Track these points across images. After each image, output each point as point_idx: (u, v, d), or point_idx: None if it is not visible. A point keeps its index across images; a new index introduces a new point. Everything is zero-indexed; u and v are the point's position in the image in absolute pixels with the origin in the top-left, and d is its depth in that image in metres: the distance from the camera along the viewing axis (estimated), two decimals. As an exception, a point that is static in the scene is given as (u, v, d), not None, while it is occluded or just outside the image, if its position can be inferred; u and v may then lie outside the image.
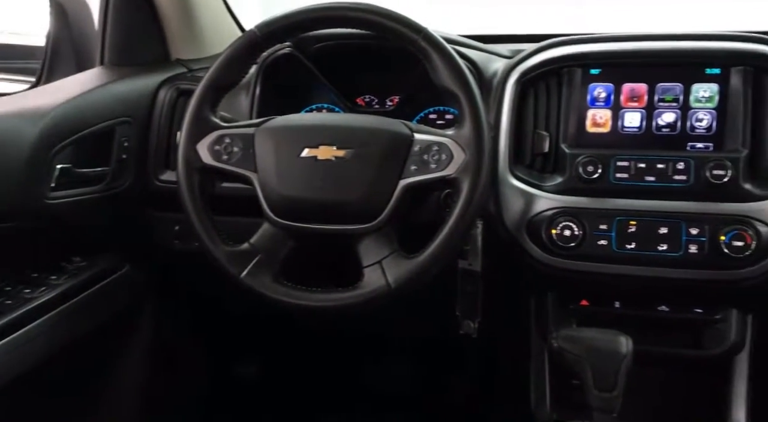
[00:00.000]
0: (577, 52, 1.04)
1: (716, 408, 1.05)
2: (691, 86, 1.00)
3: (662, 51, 1.01)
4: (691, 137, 1.00)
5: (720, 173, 0.96)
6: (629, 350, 0.86)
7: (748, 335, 1.04)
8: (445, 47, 0.88)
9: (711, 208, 0.97)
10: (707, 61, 0.99)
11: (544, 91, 1.06)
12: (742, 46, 0.98)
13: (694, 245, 0.96)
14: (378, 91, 1.22)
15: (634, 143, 1.02)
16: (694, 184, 0.97)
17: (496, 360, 1.34)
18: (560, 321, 1.08)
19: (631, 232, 0.99)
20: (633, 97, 1.02)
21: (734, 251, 0.94)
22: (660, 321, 1.07)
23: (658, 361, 1.08)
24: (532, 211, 1.02)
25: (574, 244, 1.00)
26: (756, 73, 0.98)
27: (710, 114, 1.00)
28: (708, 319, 1.05)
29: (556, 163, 1.04)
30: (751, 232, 0.94)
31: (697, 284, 0.98)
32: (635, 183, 1.00)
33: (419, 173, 0.88)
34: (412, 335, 1.48)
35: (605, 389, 0.84)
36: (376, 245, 0.89)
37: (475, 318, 1.02)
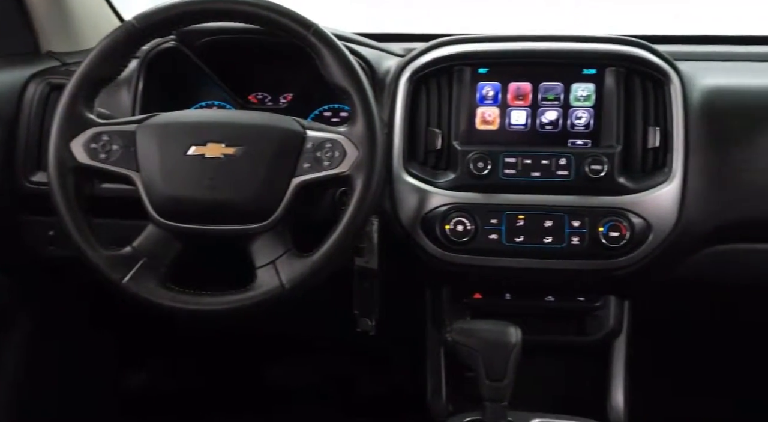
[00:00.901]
0: (465, 51, 1.06)
1: (598, 389, 1.12)
2: (570, 85, 1.05)
3: (544, 51, 1.06)
4: (572, 134, 1.06)
5: (597, 168, 1.01)
6: (518, 340, 0.89)
7: (625, 320, 1.11)
8: (335, 43, 0.88)
9: (590, 201, 1.02)
10: (584, 61, 1.05)
11: (436, 90, 1.07)
12: (615, 48, 1.04)
13: (576, 237, 1.02)
14: (271, 88, 1.20)
15: (521, 140, 1.06)
16: (575, 179, 1.02)
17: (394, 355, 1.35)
18: (455, 314, 1.11)
19: (520, 226, 1.03)
20: (519, 96, 1.06)
21: (611, 242, 1.00)
22: (547, 311, 1.12)
23: (545, 349, 1.13)
24: (426, 207, 1.03)
25: (467, 239, 1.02)
26: (627, 74, 1.04)
27: (588, 112, 1.05)
28: (590, 307, 1.11)
29: (448, 160, 1.06)
30: (626, 223, 1.00)
31: (579, 273, 1.04)
32: (522, 178, 1.03)
33: (312, 171, 0.87)
34: (312, 334, 1.47)
35: (496, 378, 0.86)
36: (270, 245, 0.87)
37: (372, 316, 1.02)
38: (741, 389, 1.44)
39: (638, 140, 1.03)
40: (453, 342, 0.90)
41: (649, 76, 1.04)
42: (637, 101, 1.04)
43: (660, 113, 1.03)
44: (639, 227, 1.00)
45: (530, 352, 0.91)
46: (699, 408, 1.41)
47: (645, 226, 1.01)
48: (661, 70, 1.03)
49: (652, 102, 1.04)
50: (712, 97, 1.04)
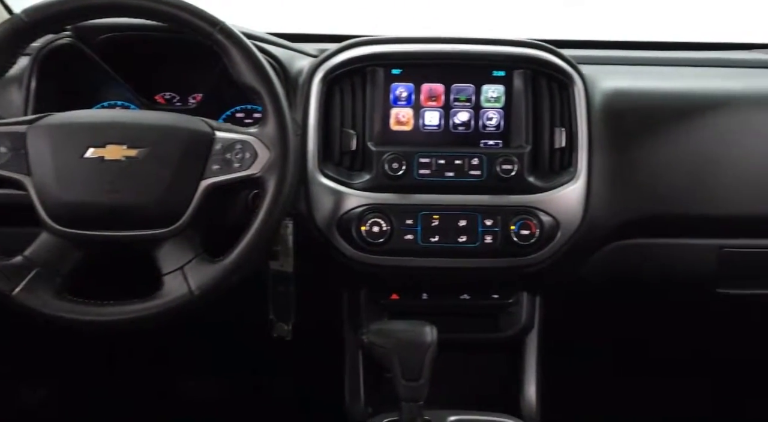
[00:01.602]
0: (378, 52, 1.06)
1: (512, 385, 1.15)
2: (481, 87, 1.07)
3: (455, 53, 1.08)
4: (483, 134, 1.08)
5: (508, 167, 1.04)
6: (434, 339, 0.89)
7: (537, 316, 1.15)
8: (243, 41, 0.85)
9: (502, 200, 1.04)
10: (493, 63, 1.07)
11: (350, 90, 1.07)
12: (522, 51, 1.07)
13: (489, 236, 1.04)
14: (179, 88, 1.16)
15: (435, 141, 1.07)
16: (487, 178, 1.04)
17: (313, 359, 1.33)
18: (373, 315, 1.11)
19: (435, 226, 1.04)
20: (432, 97, 1.07)
21: (522, 240, 1.03)
22: (463, 309, 1.14)
23: (461, 347, 1.14)
24: (342, 209, 1.03)
25: (383, 240, 1.02)
26: (534, 76, 1.07)
27: (498, 113, 1.08)
28: (503, 303, 1.14)
29: (363, 161, 1.05)
30: (536, 221, 1.03)
31: (493, 271, 1.06)
32: (436, 179, 1.04)
33: (222, 173, 0.85)
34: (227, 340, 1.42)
35: (412, 378, 0.87)
36: (178, 250, 0.83)
37: (289, 320, 1.00)
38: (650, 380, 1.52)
39: (546, 140, 1.07)
40: (369, 344, 0.90)
41: (555, 78, 1.07)
42: (544, 103, 1.07)
43: (565, 114, 1.07)
44: (548, 225, 1.04)
45: (447, 350, 0.92)
46: (610, 401, 1.48)
47: (554, 223, 1.04)
48: (565, 73, 1.07)
49: (558, 103, 1.07)
50: (613, 98, 1.09)
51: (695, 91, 1.13)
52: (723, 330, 1.37)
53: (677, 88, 1.14)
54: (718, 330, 1.38)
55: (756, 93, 1.13)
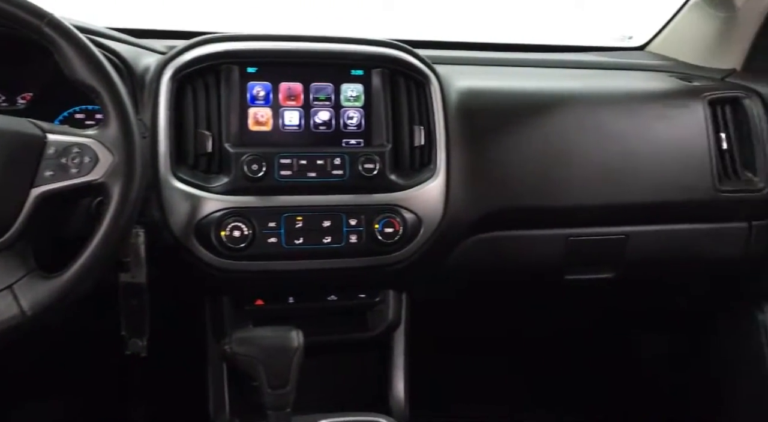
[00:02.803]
0: (232, 49, 1.02)
1: (380, 383, 1.15)
2: (340, 86, 1.06)
3: (313, 52, 1.06)
4: (345, 133, 1.07)
5: (370, 166, 1.04)
6: (300, 344, 0.87)
7: (404, 312, 1.16)
8: (75, 35, 0.78)
9: (365, 199, 1.04)
10: (352, 62, 1.07)
11: (203, 89, 1.02)
12: (380, 51, 1.08)
13: (354, 235, 1.03)
14: (6, 87, 1.04)
15: (296, 141, 1.05)
16: (350, 178, 1.04)
17: (173, 375, 1.26)
18: (237, 323, 1.06)
19: (299, 228, 1.01)
20: (291, 96, 1.05)
21: (386, 238, 1.04)
22: (330, 310, 1.13)
23: (330, 349, 1.14)
24: (200, 213, 0.98)
25: (245, 244, 0.98)
26: (392, 75, 1.08)
27: (359, 112, 1.07)
28: (370, 302, 1.14)
29: (221, 163, 1.01)
30: (399, 219, 1.04)
31: (359, 271, 1.06)
32: (299, 179, 1.02)
33: (57, 180, 0.77)
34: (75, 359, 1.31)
35: (278, 386, 0.84)
36: (5, 267, 0.75)
37: (144, 335, 0.93)
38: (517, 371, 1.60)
39: (406, 138, 1.08)
40: (232, 354, 0.86)
41: (411, 77, 1.09)
42: (402, 101, 1.09)
43: (423, 113, 1.09)
44: (411, 222, 1.05)
45: (315, 353, 0.91)
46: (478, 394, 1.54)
47: (416, 220, 1.06)
48: (421, 72, 1.09)
49: (416, 102, 1.09)
50: (467, 97, 1.13)
51: (540, 90, 1.20)
52: (571, 315, 1.48)
53: (525, 88, 1.21)
54: (567, 315, 1.48)
55: (593, 92, 1.22)
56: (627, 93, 1.23)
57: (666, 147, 1.17)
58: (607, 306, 1.44)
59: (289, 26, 1.46)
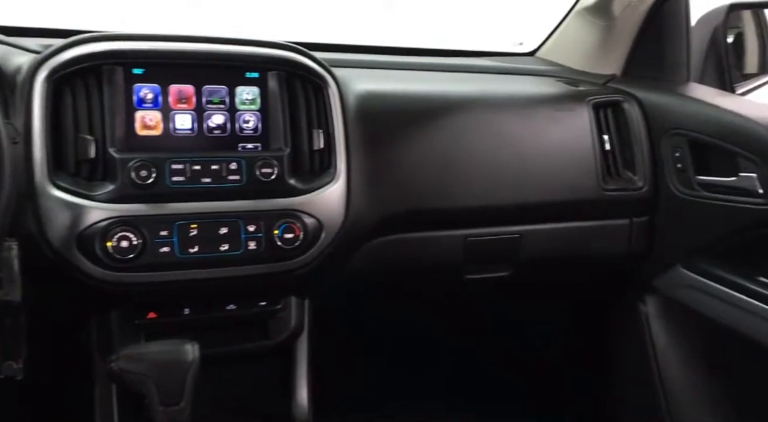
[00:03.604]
0: (114, 49, 0.97)
1: (283, 391, 1.13)
2: (235, 89, 1.03)
3: (204, 53, 1.02)
4: (241, 137, 1.04)
5: (268, 171, 1.02)
6: (196, 357, 0.84)
7: (306, 319, 1.15)
8: None
9: (264, 205, 1.02)
10: (246, 65, 1.04)
11: (84, 91, 0.96)
12: (275, 53, 1.06)
13: (252, 242, 1.00)
14: None
15: (188, 146, 1.01)
16: (247, 183, 1.01)
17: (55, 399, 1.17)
18: (127, 339, 1.00)
19: (193, 235, 0.97)
20: (182, 99, 1.01)
21: (286, 243, 1.02)
22: (230, 320, 1.09)
23: (230, 359, 1.10)
24: (83, 224, 0.92)
25: (134, 255, 0.93)
26: (288, 78, 1.07)
27: (255, 116, 1.05)
28: (272, 310, 1.11)
29: (105, 169, 0.95)
30: (299, 224, 1.03)
31: (259, 278, 1.03)
32: (192, 185, 0.98)
33: None
34: None
35: (172, 403, 0.80)
36: None
37: (19, 357, 0.86)
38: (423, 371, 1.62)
39: (305, 142, 1.07)
40: (120, 372, 0.81)
41: (309, 80, 1.08)
42: (300, 105, 1.07)
43: (321, 116, 1.08)
44: (312, 227, 1.04)
45: (214, 365, 0.87)
46: (385, 396, 1.54)
47: (317, 225, 1.04)
48: (318, 75, 1.08)
49: (314, 105, 1.08)
50: (365, 101, 1.13)
51: (438, 94, 1.22)
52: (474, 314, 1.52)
53: (423, 92, 1.22)
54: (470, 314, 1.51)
55: (487, 96, 1.25)
56: (519, 97, 1.28)
57: (555, 149, 1.23)
58: (506, 304, 1.48)
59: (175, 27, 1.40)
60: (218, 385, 0.98)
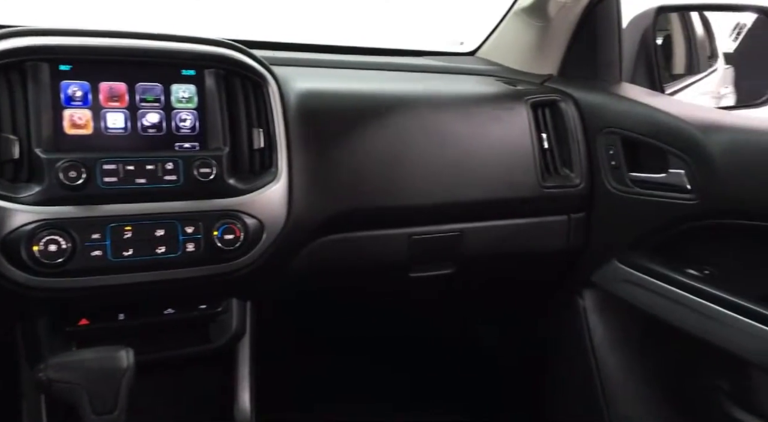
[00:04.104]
0: (39, 44, 0.92)
1: (225, 396, 1.11)
2: (170, 87, 1.00)
3: (137, 50, 0.99)
4: (178, 137, 1.01)
5: (206, 170, 0.99)
6: (130, 363, 0.81)
7: (248, 321, 1.13)
8: None
9: (202, 205, 0.99)
10: (182, 62, 1.01)
11: (6, 88, 0.91)
12: (212, 50, 1.03)
13: (191, 244, 0.98)
14: None
15: (122, 145, 0.97)
16: (185, 183, 0.98)
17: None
18: (57, 347, 0.96)
19: (128, 238, 0.94)
20: (113, 97, 0.97)
21: (226, 245, 0.99)
22: (168, 325, 1.06)
23: (169, 365, 1.07)
24: (6, 228, 0.87)
25: (63, 259, 0.89)
26: (227, 76, 1.04)
27: (192, 114, 1.02)
28: (212, 313, 1.09)
29: (31, 170, 0.91)
30: (239, 225, 1.01)
31: (198, 281, 1.00)
32: (126, 186, 0.95)
33: None
34: None
35: (105, 412, 0.77)
36: None
37: None
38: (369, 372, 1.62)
39: (244, 141, 1.04)
40: (48, 381, 0.77)
41: (248, 78, 1.06)
42: (240, 103, 1.05)
43: (262, 115, 1.06)
44: (253, 227, 1.02)
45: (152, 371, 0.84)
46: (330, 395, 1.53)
47: (258, 225, 1.02)
48: (257, 73, 1.06)
49: (253, 104, 1.06)
50: (306, 99, 1.11)
51: (380, 93, 1.22)
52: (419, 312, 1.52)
53: (365, 90, 1.22)
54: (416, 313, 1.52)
55: (429, 95, 1.26)
56: (460, 96, 1.29)
57: (495, 147, 1.24)
58: (448, 301, 1.50)
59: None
60: (157, 392, 0.95)
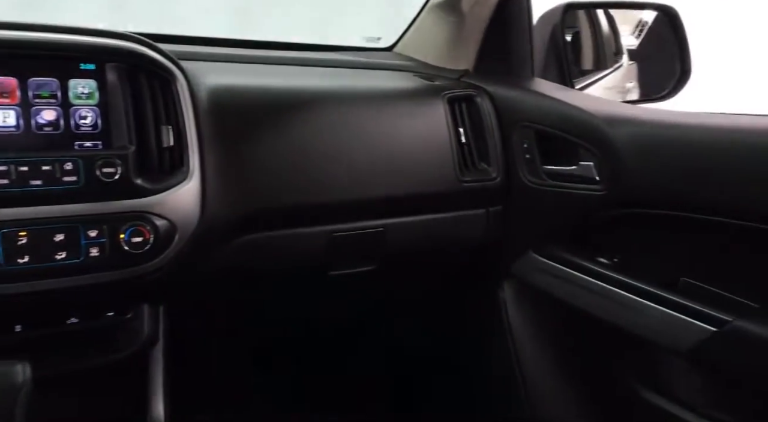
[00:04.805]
0: None
1: (138, 407, 1.06)
2: (68, 82, 0.94)
3: (28, 42, 0.92)
4: (78, 135, 0.95)
5: (110, 170, 0.94)
6: (27, 378, 0.75)
7: (161, 326, 1.08)
8: None
9: (107, 207, 0.94)
10: (80, 55, 0.95)
11: None
12: (114, 43, 0.98)
13: (95, 248, 0.93)
14: None
15: (14, 145, 0.91)
16: (86, 184, 0.93)
17: None
18: None
19: (23, 244, 0.88)
20: (3, 93, 0.90)
21: (135, 248, 0.95)
22: (72, 335, 1.00)
23: (75, 377, 1.01)
24: None
25: None
26: (132, 71, 0.99)
27: (94, 111, 0.96)
28: (121, 320, 1.04)
29: None
30: (149, 226, 0.96)
31: (104, 287, 0.95)
32: (20, 189, 0.89)
33: None
34: None
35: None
36: None
37: None
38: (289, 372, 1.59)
39: (152, 139, 0.99)
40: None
41: (154, 73, 1.01)
42: (146, 100, 1.00)
43: (171, 112, 1.01)
44: (163, 229, 0.97)
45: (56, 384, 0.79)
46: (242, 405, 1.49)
47: (170, 227, 0.98)
48: (165, 68, 1.01)
49: (161, 100, 1.01)
50: (218, 95, 1.08)
51: (295, 89, 1.20)
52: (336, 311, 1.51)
53: (279, 86, 1.19)
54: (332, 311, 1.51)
55: (346, 91, 1.25)
56: (377, 91, 1.29)
57: (413, 142, 1.25)
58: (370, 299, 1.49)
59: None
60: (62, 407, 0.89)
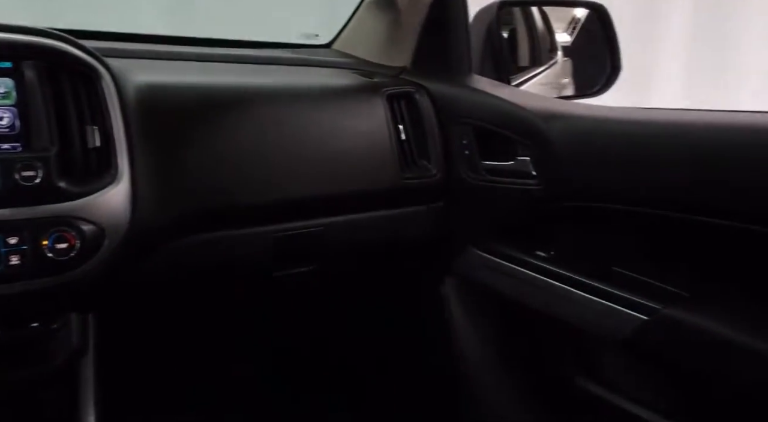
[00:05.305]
0: None
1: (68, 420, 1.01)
2: None
3: None
4: None
5: (30, 174, 0.89)
6: None
7: (91, 335, 1.04)
8: None
9: (28, 213, 0.89)
10: None
11: None
12: (29, 39, 0.93)
13: (15, 256, 0.88)
14: None
15: None
16: (4, 189, 0.88)
17: None
18: None
19: None
20: None
21: (59, 255, 0.90)
22: None
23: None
24: None
25: None
26: (52, 69, 0.94)
27: (10, 111, 0.91)
28: (46, 331, 0.99)
29: None
30: (75, 232, 0.92)
31: (27, 297, 0.90)
32: None
33: None
34: None
35: None
36: None
37: None
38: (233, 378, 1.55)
39: (77, 140, 0.95)
40: None
41: (77, 71, 0.96)
42: (68, 99, 0.95)
43: (96, 112, 0.97)
44: (90, 234, 0.93)
45: None
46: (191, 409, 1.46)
47: (98, 231, 0.94)
48: (88, 66, 0.96)
49: (85, 99, 0.96)
50: (148, 94, 1.04)
51: (229, 86, 1.17)
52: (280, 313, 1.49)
53: (211, 84, 1.16)
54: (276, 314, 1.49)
55: (282, 88, 1.23)
56: (315, 89, 1.27)
57: (354, 140, 1.24)
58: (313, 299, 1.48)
59: None
60: None
